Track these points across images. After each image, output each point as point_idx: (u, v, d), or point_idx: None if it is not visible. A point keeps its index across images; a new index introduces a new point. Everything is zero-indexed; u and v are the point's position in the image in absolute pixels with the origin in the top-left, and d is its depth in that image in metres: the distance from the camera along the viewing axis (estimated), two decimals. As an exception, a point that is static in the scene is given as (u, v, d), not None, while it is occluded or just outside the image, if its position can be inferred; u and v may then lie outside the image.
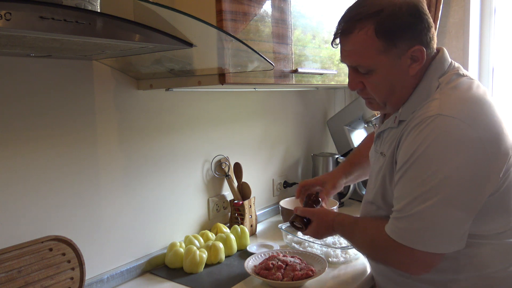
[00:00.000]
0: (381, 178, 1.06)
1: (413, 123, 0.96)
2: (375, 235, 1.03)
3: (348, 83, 1.06)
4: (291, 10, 1.40)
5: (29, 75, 1.13)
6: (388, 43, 0.94)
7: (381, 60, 0.96)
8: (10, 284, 1.04)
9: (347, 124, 2.22)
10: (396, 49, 0.95)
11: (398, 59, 0.96)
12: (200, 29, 0.97)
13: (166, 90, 1.47)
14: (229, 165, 1.74)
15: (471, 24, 2.12)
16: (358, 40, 0.95)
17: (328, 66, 1.62)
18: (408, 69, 0.98)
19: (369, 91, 1.03)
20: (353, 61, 1.00)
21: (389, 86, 1.00)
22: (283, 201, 1.86)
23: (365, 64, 0.97)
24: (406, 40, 0.94)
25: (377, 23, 0.93)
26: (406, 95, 1.02)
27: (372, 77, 0.99)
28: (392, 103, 1.04)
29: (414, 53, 0.96)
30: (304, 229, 1.24)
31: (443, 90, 0.97)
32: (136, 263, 1.40)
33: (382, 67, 0.97)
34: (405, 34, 0.94)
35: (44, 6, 0.73)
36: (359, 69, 1.00)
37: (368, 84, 1.01)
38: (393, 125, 1.05)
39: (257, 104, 1.92)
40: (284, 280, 1.22)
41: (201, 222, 1.67)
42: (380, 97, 1.03)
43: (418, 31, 0.95)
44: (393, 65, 0.96)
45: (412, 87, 1.01)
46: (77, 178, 1.25)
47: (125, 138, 1.38)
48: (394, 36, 0.93)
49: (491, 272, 0.99)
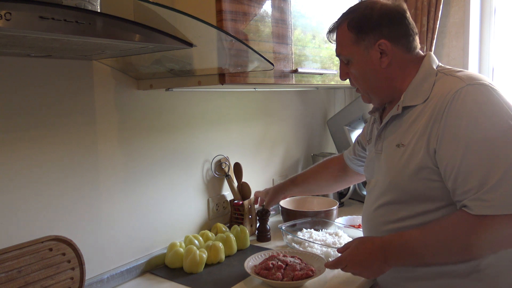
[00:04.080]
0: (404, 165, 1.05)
1: (445, 100, 0.99)
2: (456, 228, 0.98)
3: (339, 74, 1.22)
4: (291, 10, 1.40)
5: (29, 75, 1.13)
6: (357, 35, 1.11)
7: (354, 50, 1.12)
8: (10, 284, 1.04)
9: (347, 124, 2.22)
10: (364, 42, 1.10)
11: (367, 51, 1.10)
12: (200, 29, 0.97)
13: (166, 90, 1.47)
14: (229, 165, 1.74)
15: (471, 24, 2.12)
16: (338, 33, 1.16)
17: (328, 66, 1.62)
18: (380, 62, 1.10)
19: (352, 80, 1.18)
20: (337, 50, 1.18)
21: (364, 75, 1.14)
22: (283, 201, 1.86)
23: (343, 53, 1.15)
24: (372, 35, 1.09)
25: (349, 19, 1.12)
26: (387, 87, 1.13)
27: (352, 67, 1.15)
28: (374, 94, 1.17)
29: (381, 47, 1.09)
30: None
31: (452, 72, 1.06)
32: (136, 263, 1.40)
33: (356, 56, 1.12)
34: (372, 30, 1.09)
35: (44, 6, 0.73)
36: (342, 59, 1.17)
37: (350, 74, 1.17)
38: (396, 112, 1.11)
39: (257, 104, 1.92)
40: (284, 280, 1.22)
41: (201, 222, 1.67)
42: (362, 87, 1.18)
43: (385, 28, 1.08)
44: (364, 56, 1.11)
45: (390, 80, 1.12)
46: (77, 178, 1.25)
47: (125, 138, 1.38)
48: (361, 30, 1.10)
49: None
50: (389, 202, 1.10)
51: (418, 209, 1.05)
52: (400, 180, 1.06)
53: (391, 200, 1.10)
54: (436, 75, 1.08)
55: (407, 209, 1.06)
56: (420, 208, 1.04)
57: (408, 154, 1.04)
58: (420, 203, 1.04)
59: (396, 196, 1.08)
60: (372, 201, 1.16)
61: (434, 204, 1.03)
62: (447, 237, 0.99)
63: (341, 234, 1.58)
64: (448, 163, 0.97)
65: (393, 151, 1.10)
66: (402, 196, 1.07)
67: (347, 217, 1.78)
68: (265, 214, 1.67)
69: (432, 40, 2.06)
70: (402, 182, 1.06)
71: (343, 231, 1.61)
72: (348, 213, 1.89)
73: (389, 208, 1.11)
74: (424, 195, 1.03)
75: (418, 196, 1.04)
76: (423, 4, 2.05)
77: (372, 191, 1.19)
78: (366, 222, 1.20)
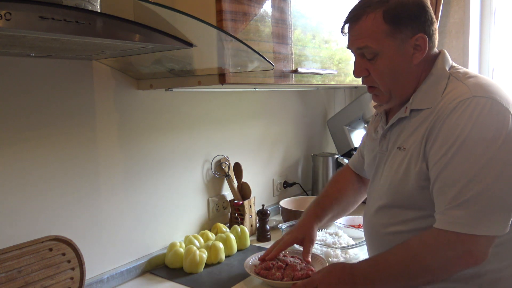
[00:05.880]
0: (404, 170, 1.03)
1: (446, 109, 0.96)
2: (419, 244, 0.96)
3: (354, 70, 1.09)
4: (291, 10, 1.40)
5: (29, 75, 1.13)
6: (394, 27, 0.99)
7: (386, 43, 1.01)
8: (10, 284, 1.04)
9: (347, 124, 2.22)
10: (401, 35, 1.00)
11: (402, 45, 1.01)
12: (200, 29, 0.97)
13: (166, 90, 1.47)
14: (229, 165, 1.74)
15: (471, 24, 2.12)
16: (367, 24, 1.01)
17: (328, 66, 1.62)
18: (412, 57, 1.02)
19: (374, 78, 1.06)
20: (360, 42, 1.03)
21: (393, 72, 1.04)
22: (283, 201, 1.86)
23: (372, 45, 1.01)
24: (411, 27, 1.00)
25: (385, 8, 0.99)
26: (410, 85, 1.06)
27: (377, 63, 1.03)
28: (397, 92, 1.07)
29: (417, 41, 1.01)
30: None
31: (463, 78, 1.01)
32: (136, 263, 1.40)
33: (387, 51, 1.01)
34: (410, 22, 1.00)
35: (44, 6, 0.73)
36: (365, 53, 1.04)
37: (373, 70, 1.05)
38: (403, 115, 1.06)
39: (257, 104, 1.92)
40: (284, 280, 1.22)
41: (201, 222, 1.67)
42: (384, 85, 1.06)
43: (422, 21, 1.01)
44: (397, 51, 1.01)
45: (416, 78, 1.05)
46: (77, 178, 1.25)
47: (125, 138, 1.38)
48: (400, 21, 0.99)
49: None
50: (389, 205, 1.09)
51: (417, 214, 1.03)
52: (399, 184, 1.05)
53: (390, 203, 1.08)
54: (448, 78, 1.03)
55: (407, 214, 1.05)
56: (419, 213, 1.03)
57: (408, 160, 1.03)
58: (419, 209, 1.03)
59: (396, 199, 1.07)
60: (373, 203, 1.15)
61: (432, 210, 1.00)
62: (408, 256, 0.97)
63: (341, 234, 1.58)
64: (431, 170, 0.97)
65: (395, 153, 1.08)
66: (401, 200, 1.06)
67: (347, 217, 1.78)
68: (265, 214, 1.67)
69: (433, 40, 2.06)
70: (401, 187, 1.04)
71: (343, 231, 1.61)
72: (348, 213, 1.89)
73: (389, 212, 1.09)
74: (424, 200, 1.01)
75: (416, 202, 1.03)
76: (423, 4, 2.05)
77: (373, 191, 1.17)
78: (366, 224, 1.19)
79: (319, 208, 1.36)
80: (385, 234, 1.10)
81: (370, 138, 1.25)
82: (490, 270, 0.98)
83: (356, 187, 1.41)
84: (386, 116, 1.18)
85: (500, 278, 1.00)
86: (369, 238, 1.18)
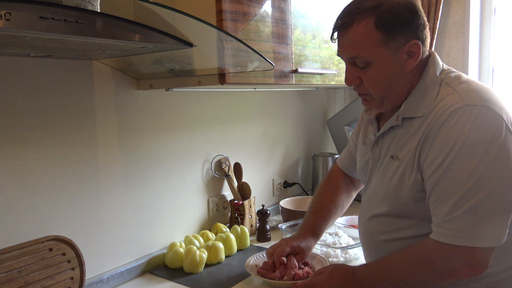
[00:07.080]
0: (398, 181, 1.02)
1: (439, 119, 0.94)
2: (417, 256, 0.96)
3: (345, 79, 1.05)
4: (291, 10, 1.40)
5: (29, 75, 1.13)
6: (387, 35, 0.95)
7: (379, 52, 0.97)
8: (10, 284, 1.04)
9: (347, 124, 2.21)
10: (394, 42, 0.96)
11: (396, 53, 0.97)
12: (200, 29, 0.97)
13: (166, 90, 1.47)
14: (229, 165, 1.74)
15: (471, 24, 2.12)
16: (358, 32, 0.97)
17: (328, 66, 1.62)
18: (405, 64, 0.99)
19: (366, 86, 1.02)
20: (352, 52, 0.99)
21: (386, 80, 1.00)
22: (283, 201, 1.86)
23: (364, 55, 0.98)
24: (404, 34, 0.96)
25: (377, 16, 0.95)
26: (403, 92, 1.03)
27: (370, 71, 0.99)
28: (390, 100, 1.04)
29: (411, 48, 0.97)
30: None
31: (455, 84, 0.98)
32: (136, 263, 1.40)
33: (380, 59, 0.98)
34: (403, 28, 0.96)
35: (44, 6, 0.73)
36: (357, 62, 1.00)
37: (366, 78, 1.01)
38: (396, 123, 1.04)
39: (257, 104, 1.92)
40: (284, 279, 1.22)
41: (201, 222, 1.67)
42: (377, 93, 1.02)
43: (415, 26, 0.97)
44: (390, 59, 0.98)
45: (409, 85, 1.03)
46: (77, 178, 1.25)
47: (125, 138, 1.38)
48: (393, 29, 0.95)
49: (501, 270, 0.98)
50: (384, 214, 1.07)
51: (413, 222, 1.02)
52: (394, 194, 1.03)
53: (385, 212, 1.07)
54: (440, 84, 1.00)
55: (403, 222, 1.04)
56: (415, 221, 1.02)
57: (402, 170, 1.01)
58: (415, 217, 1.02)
59: (391, 209, 1.05)
60: (368, 210, 1.14)
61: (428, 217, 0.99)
62: (407, 264, 0.97)
63: (341, 234, 1.58)
64: (426, 182, 0.96)
65: (388, 162, 1.06)
66: (397, 209, 1.04)
67: (347, 217, 1.78)
68: (265, 214, 1.67)
69: (432, 40, 2.06)
70: (396, 197, 1.03)
71: (343, 231, 1.61)
72: (348, 213, 1.88)
73: (384, 220, 1.08)
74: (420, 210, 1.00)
75: (412, 211, 1.02)
76: (423, 4, 2.05)
77: (367, 199, 1.16)
78: (362, 230, 1.18)
79: (317, 225, 1.33)
80: (381, 241, 1.09)
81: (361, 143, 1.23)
82: (488, 273, 0.97)
83: (348, 190, 1.40)
84: (378, 121, 1.16)
85: (498, 281, 0.99)
86: (366, 244, 1.17)
